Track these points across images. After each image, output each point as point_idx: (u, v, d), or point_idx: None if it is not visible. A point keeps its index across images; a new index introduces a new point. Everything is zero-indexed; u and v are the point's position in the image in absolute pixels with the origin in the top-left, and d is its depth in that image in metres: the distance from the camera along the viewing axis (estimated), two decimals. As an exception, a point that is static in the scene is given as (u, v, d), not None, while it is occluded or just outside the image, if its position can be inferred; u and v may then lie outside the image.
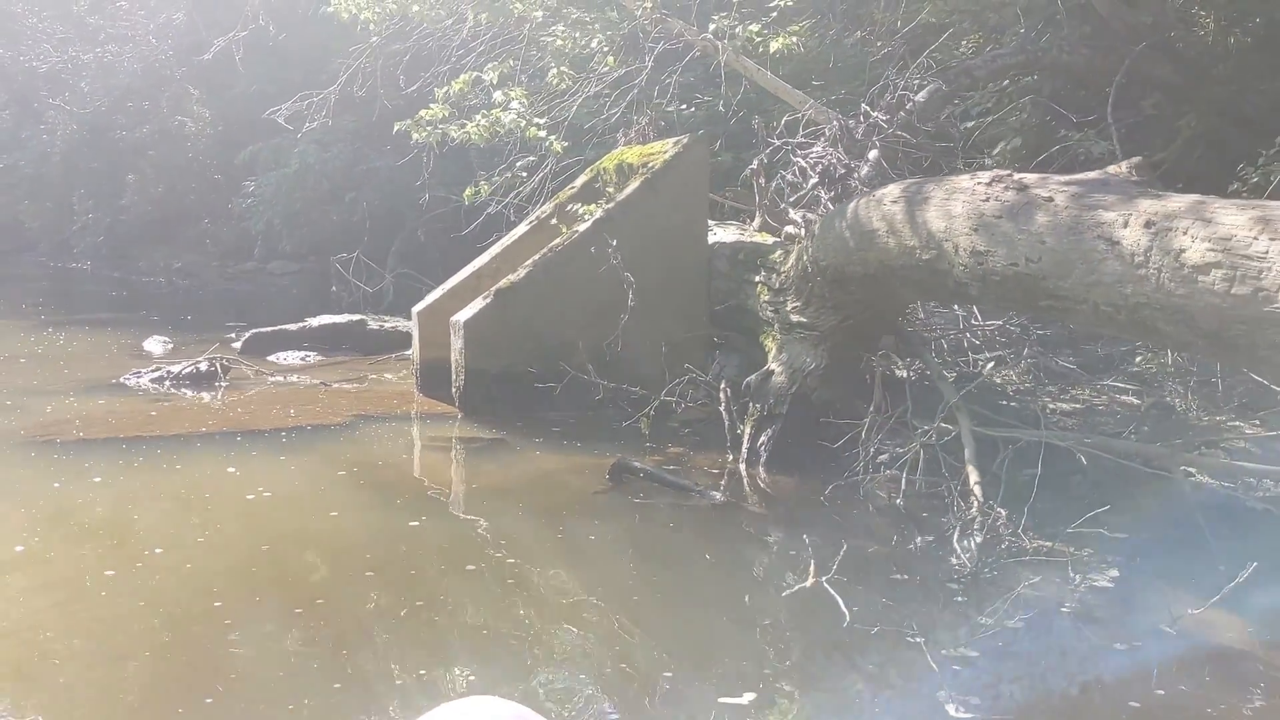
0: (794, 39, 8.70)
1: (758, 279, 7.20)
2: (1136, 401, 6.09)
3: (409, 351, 9.18)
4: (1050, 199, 4.63)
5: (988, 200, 4.92)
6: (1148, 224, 4.13)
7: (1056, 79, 10.32)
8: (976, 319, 7.01)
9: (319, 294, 14.99)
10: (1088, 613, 4.09)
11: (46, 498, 5.52)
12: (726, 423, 6.60)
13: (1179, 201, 4.15)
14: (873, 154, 8.12)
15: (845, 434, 5.95)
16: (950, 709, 3.25)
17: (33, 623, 3.91)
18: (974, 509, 4.90)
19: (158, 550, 4.71)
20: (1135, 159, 4.96)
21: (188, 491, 5.63)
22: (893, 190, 5.66)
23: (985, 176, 5.07)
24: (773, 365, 6.64)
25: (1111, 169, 4.85)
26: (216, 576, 4.37)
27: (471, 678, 3.55)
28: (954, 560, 4.55)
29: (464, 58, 8.73)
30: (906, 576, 4.46)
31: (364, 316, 11.10)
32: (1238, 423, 5.42)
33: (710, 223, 8.44)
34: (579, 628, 4.01)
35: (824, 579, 3.99)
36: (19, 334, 11.52)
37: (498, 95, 8.11)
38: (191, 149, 21.63)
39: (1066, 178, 4.81)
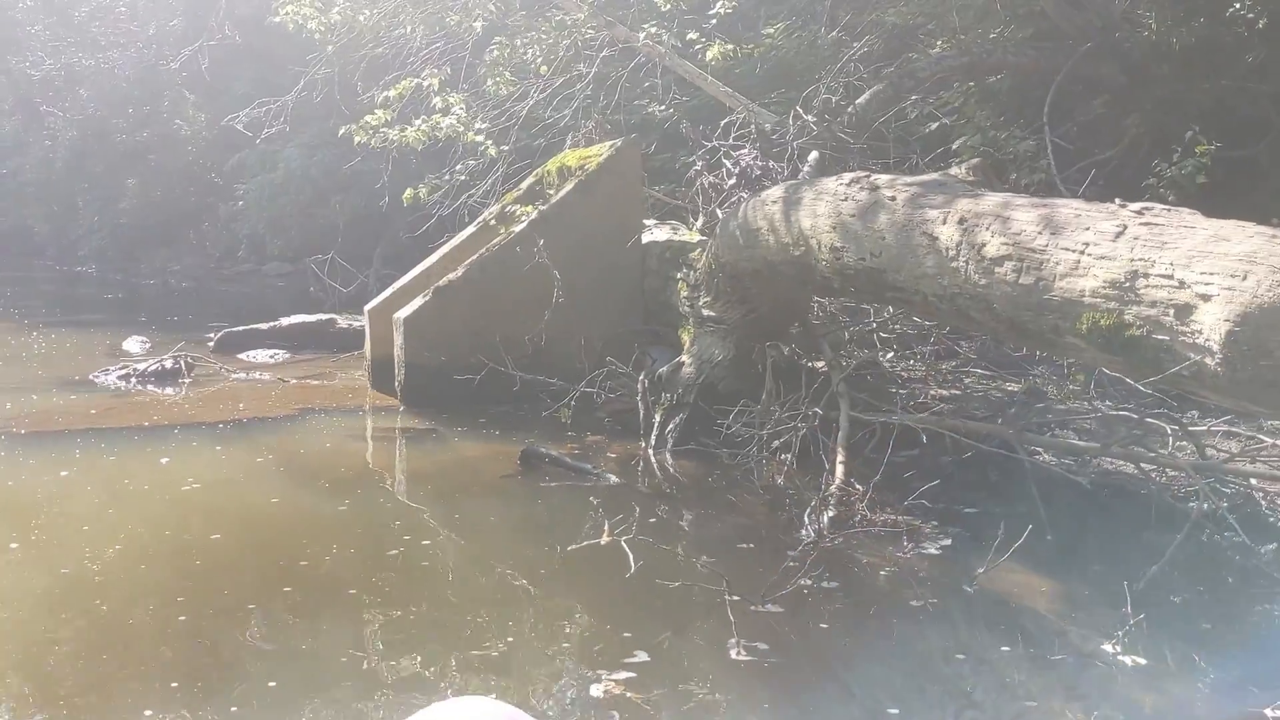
0: (730, 46, 9.17)
1: (679, 275, 7.71)
2: (1014, 388, 6.56)
3: (369, 349, 9.70)
4: (894, 198, 5.11)
5: (845, 200, 5.41)
6: (960, 221, 4.62)
7: (1016, 81, 10.72)
8: (888, 312, 7.48)
9: (310, 295, 15.57)
10: (903, 575, 4.57)
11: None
12: (642, 412, 7.10)
13: (990, 201, 4.63)
14: (813, 155, 8.61)
15: (751, 421, 6.45)
16: (733, 653, 3.74)
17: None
18: (834, 486, 5.38)
19: (63, 533, 5.20)
20: (974, 160, 5.45)
21: (122, 481, 6.12)
22: (774, 192, 6.16)
23: (847, 178, 5.56)
24: (684, 357, 7.14)
25: (953, 170, 5.34)
26: (129, 566, 4.84)
27: (394, 663, 3.89)
28: (803, 532, 5.03)
29: (418, 66, 9.27)
30: (752, 546, 4.96)
31: (334, 315, 11.65)
32: (1097, 405, 5.88)
33: (650, 222, 8.95)
34: (490, 608, 4.33)
35: (624, 539, 4.49)
36: (6, 335, 12.16)
37: (436, 101, 8.64)
38: (191, 153, 22.37)
39: (911, 179, 5.29)
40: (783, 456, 6.16)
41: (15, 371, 9.78)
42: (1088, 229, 4.09)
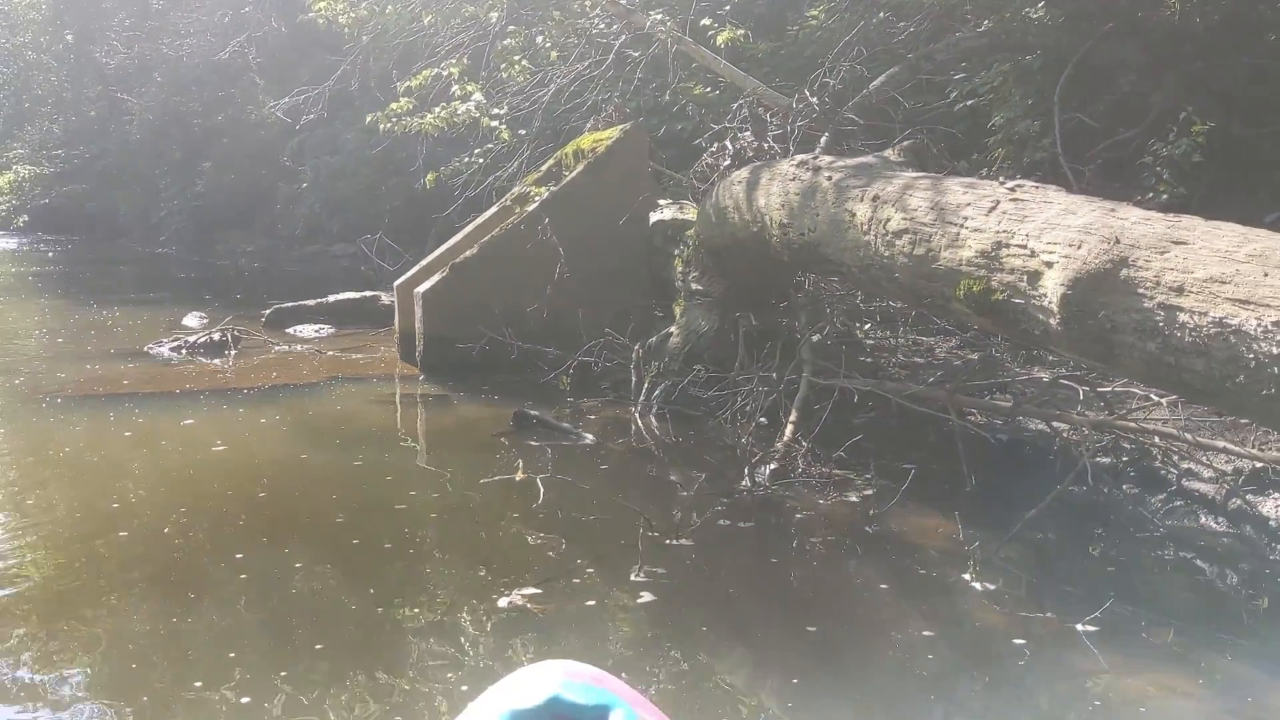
0: (740, 32, 9.72)
1: (675, 252, 8.33)
2: (974, 356, 7.07)
3: (406, 323, 10.43)
4: (830, 179, 5.68)
5: (793, 180, 5.99)
6: (874, 199, 5.18)
7: (1048, 60, 11.08)
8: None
9: (362, 274, 16.47)
10: (818, 518, 5.16)
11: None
12: (634, 380, 7.73)
13: (900, 181, 5.18)
14: (825, 138, 9.13)
15: (734, 387, 7.07)
16: (633, 575, 4.37)
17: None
18: (780, 442, 5.97)
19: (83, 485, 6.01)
20: (906, 142, 5.97)
21: (146, 439, 6.87)
22: (741, 173, 6.75)
23: (797, 159, 6.14)
24: (673, 328, 7.77)
25: (887, 152, 5.88)
26: (147, 516, 5.59)
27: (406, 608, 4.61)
28: (743, 483, 5.64)
29: (444, 56, 9.99)
30: (690, 494, 5.56)
31: (379, 293, 12.47)
32: (1039, 372, 6.38)
33: (663, 202, 9.57)
34: (460, 548, 4.98)
35: (539, 477, 5.14)
36: (75, 311, 13.23)
37: (455, 90, 9.35)
38: (263, 138, 23.46)
39: (847, 161, 5.85)
40: (760, 419, 6.75)
41: (80, 343, 10.74)
42: (969, 205, 4.63)
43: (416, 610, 4.19)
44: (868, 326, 7.74)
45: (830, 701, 3.54)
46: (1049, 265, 4.15)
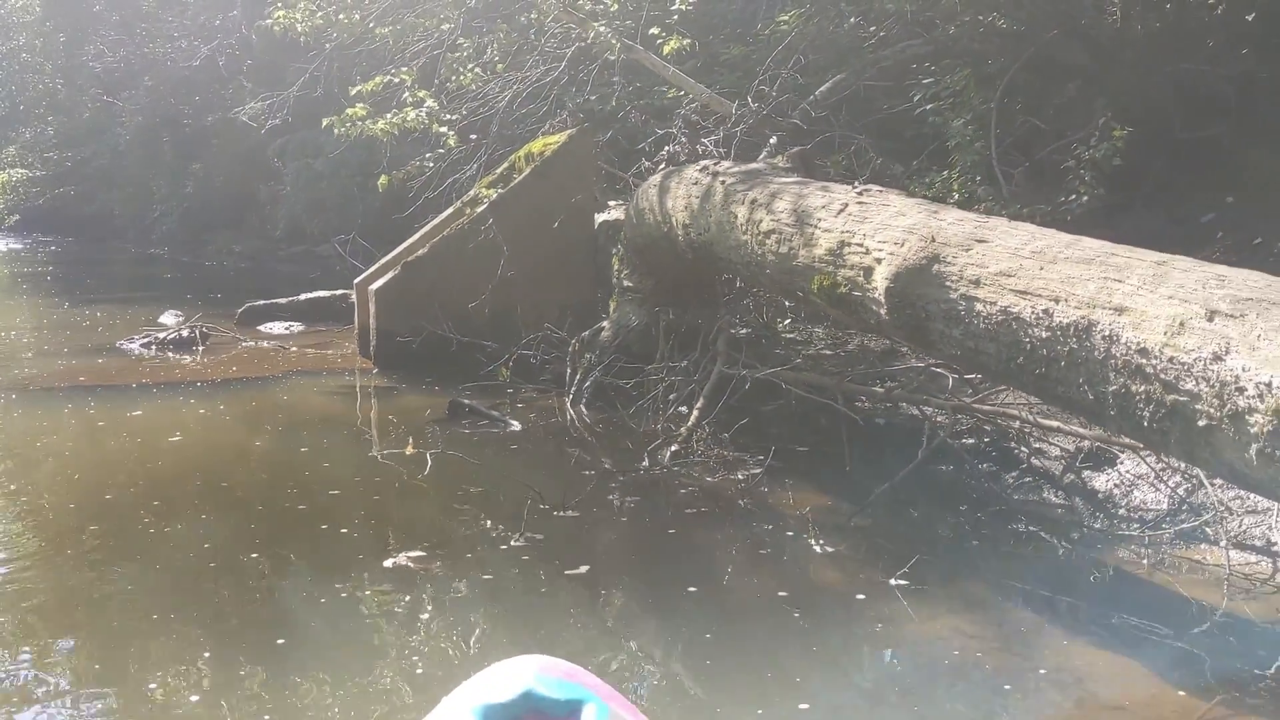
0: (687, 40, 10.33)
1: (614, 251, 8.95)
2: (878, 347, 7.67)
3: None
4: (723, 183, 6.29)
5: (695, 184, 6.60)
6: (752, 203, 5.79)
7: (1007, 64, 11.64)
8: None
9: (336, 273, 17.09)
10: (700, 493, 5.77)
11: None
12: (568, 371, 8.33)
13: (773, 186, 5.79)
14: (772, 141, 9.73)
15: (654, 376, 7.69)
16: (513, 540, 4.98)
17: None
18: (684, 427, 6.58)
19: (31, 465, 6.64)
20: (794, 149, 6.58)
21: (99, 429, 7.45)
22: (656, 178, 7.36)
23: (700, 165, 6.75)
24: (605, 323, 8.38)
25: (776, 159, 6.49)
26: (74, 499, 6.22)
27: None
28: (642, 463, 6.24)
29: (402, 63, 10.62)
30: (593, 473, 6.18)
31: (348, 291, 13.06)
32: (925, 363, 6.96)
33: (613, 203, 10.18)
34: (409, 527, 5.48)
35: (429, 452, 5.77)
36: (56, 310, 13.89)
37: (407, 96, 9.99)
38: (252, 139, 24.13)
39: (739, 167, 6.46)
40: (680, 408, 7.35)
41: (56, 338, 11.39)
42: (823, 207, 5.24)
43: (368, 591, 4.76)
44: (788, 321, 8.32)
45: (701, 653, 4.15)
46: (879, 261, 4.75)
